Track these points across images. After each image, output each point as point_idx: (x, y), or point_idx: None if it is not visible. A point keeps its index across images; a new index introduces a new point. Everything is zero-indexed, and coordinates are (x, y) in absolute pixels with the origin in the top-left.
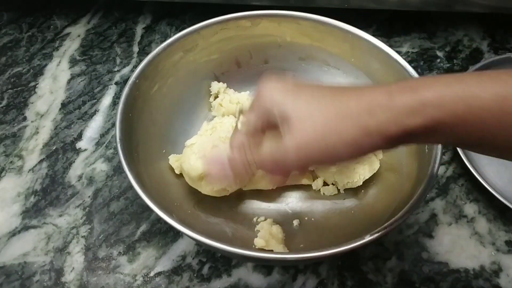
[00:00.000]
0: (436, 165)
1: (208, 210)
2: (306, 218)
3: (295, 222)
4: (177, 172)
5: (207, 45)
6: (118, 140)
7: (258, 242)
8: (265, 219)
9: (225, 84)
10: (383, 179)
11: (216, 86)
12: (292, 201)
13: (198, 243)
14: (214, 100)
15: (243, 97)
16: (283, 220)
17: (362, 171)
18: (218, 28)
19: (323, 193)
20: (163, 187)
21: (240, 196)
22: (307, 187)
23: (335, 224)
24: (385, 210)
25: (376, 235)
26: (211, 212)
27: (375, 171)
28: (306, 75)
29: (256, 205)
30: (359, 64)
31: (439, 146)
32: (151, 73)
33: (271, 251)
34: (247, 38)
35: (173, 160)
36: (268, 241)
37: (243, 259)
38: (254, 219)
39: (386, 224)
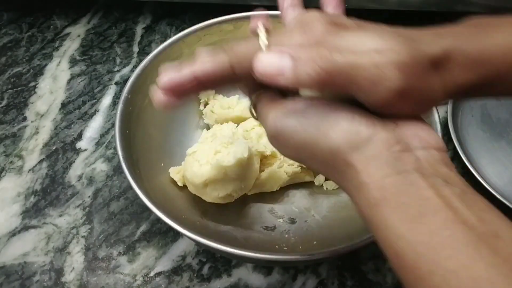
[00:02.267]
0: None
1: (215, 218)
2: (313, 215)
3: (303, 220)
4: (180, 184)
5: (192, 53)
6: (121, 159)
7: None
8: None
9: (213, 90)
10: None
11: (204, 93)
12: (297, 200)
13: (197, 244)
14: (205, 107)
15: (233, 101)
16: (291, 220)
17: None
18: (201, 34)
19: (326, 188)
20: (168, 201)
21: (245, 201)
22: (309, 184)
23: (344, 217)
24: None
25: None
26: (219, 221)
27: None
28: None
29: (262, 208)
30: None
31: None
32: (141, 86)
33: (269, 252)
34: (230, 42)
35: (174, 172)
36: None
37: (243, 260)
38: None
39: None
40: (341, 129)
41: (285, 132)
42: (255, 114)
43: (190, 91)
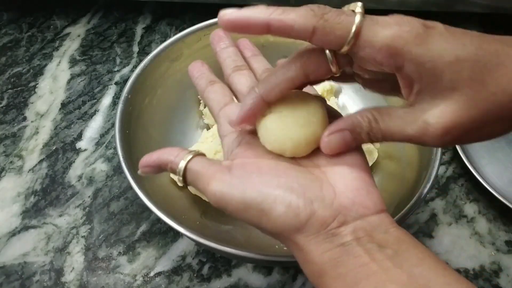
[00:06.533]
0: (437, 164)
1: (215, 218)
2: None
3: None
4: (180, 184)
5: (192, 53)
6: (121, 159)
7: None
8: None
9: None
10: (383, 168)
11: None
12: None
13: (197, 244)
14: (205, 107)
15: None
16: None
17: None
18: (201, 35)
19: None
20: (168, 201)
21: None
22: None
23: None
24: (391, 199)
25: None
26: (219, 221)
27: (374, 161)
28: None
29: None
30: None
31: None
32: (141, 86)
33: (269, 252)
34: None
35: None
36: None
37: (243, 260)
38: None
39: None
40: (281, 214)
41: (228, 209)
42: (187, 182)
43: (255, 33)
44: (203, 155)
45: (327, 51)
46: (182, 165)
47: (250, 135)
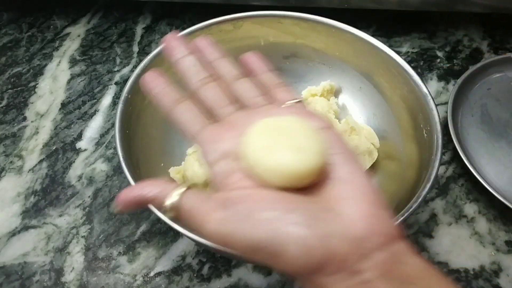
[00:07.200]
0: (437, 164)
1: None
2: None
3: None
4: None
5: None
6: (121, 159)
7: None
8: None
9: None
10: (383, 167)
11: None
12: None
13: (197, 244)
14: None
15: None
16: None
17: (363, 162)
18: (201, 34)
19: None
20: None
21: None
22: None
23: None
24: (392, 198)
25: None
26: None
27: (374, 161)
28: (291, 73)
29: None
30: (344, 56)
31: (439, 139)
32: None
33: None
34: (230, 42)
35: (174, 172)
36: None
37: (243, 260)
38: None
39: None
40: (294, 256)
41: (234, 250)
42: (180, 216)
43: None
44: (190, 188)
45: None
46: (169, 203)
47: None
